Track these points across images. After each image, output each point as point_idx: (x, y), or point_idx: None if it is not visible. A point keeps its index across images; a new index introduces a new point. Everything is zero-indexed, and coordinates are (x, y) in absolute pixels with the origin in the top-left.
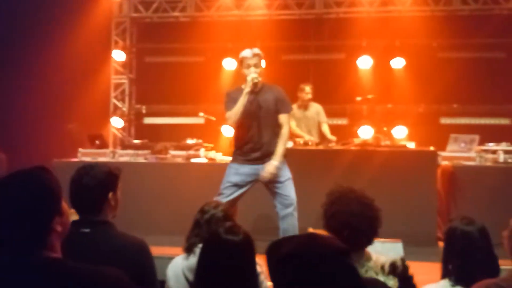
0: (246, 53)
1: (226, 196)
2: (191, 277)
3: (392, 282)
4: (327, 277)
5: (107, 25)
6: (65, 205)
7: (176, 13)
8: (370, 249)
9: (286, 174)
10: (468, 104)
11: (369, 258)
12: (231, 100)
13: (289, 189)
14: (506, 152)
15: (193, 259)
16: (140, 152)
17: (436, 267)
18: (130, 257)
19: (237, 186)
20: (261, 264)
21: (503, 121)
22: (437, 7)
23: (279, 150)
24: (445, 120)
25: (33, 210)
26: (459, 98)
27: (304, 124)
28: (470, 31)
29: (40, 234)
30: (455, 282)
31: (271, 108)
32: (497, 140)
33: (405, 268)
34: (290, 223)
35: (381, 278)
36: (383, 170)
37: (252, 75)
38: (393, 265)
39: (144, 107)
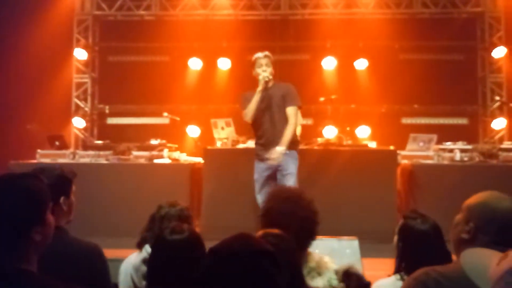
0: (259, 54)
1: (257, 192)
2: (135, 275)
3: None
4: (236, 275)
5: (68, 23)
6: (50, 216)
7: (140, 12)
8: (327, 246)
9: (290, 168)
10: (428, 104)
11: (311, 259)
12: (246, 99)
13: (289, 183)
14: (462, 151)
15: (138, 260)
16: (101, 153)
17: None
18: (82, 263)
19: (258, 182)
20: None
21: (461, 121)
22: (398, 10)
23: (285, 137)
24: (406, 120)
25: (11, 217)
26: (420, 98)
27: None
28: (430, 34)
29: (15, 243)
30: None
31: (280, 103)
32: (456, 140)
33: (359, 277)
34: None
35: (323, 280)
36: (345, 169)
37: (263, 74)
38: (347, 274)
39: (107, 107)
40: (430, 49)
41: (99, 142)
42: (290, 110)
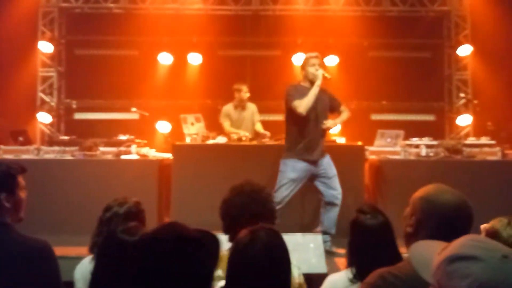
0: (311, 54)
1: (285, 189)
2: None
3: None
4: (160, 259)
5: (33, 15)
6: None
7: (109, 4)
8: (291, 241)
9: (333, 170)
10: (396, 101)
11: None
12: (297, 91)
13: (336, 184)
14: (428, 146)
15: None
16: (67, 149)
17: None
18: (28, 261)
19: (295, 181)
20: None
21: (428, 117)
22: (368, 7)
23: (342, 118)
24: (375, 116)
25: None
26: (388, 95)
27: (240, 125)
28: (398, 32)
29: None
30: (356, 273)
31: (326, 107)
32: (422, 136)
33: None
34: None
35: None
36: None
37: (321, 71)
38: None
39: (74, 102)
40: (399, 47)
41: (65, 137)
42: (343, 107)
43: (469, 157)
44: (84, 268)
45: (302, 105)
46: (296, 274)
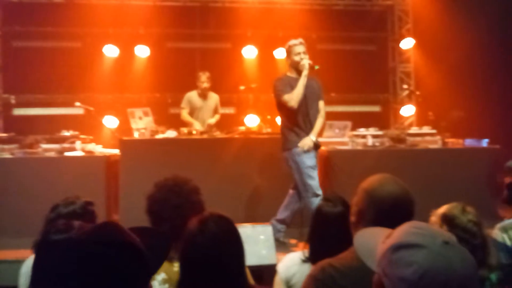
0: (294, 41)
1: (314, 179)
2: None
3: None
4: (72, 263)
5: None
6: None
7: None
8: (241, 232)
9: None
10: (344, 93)
11: None
12: (285, 84)
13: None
14: (374, 136)
15: None
16: (6, 146)
17: None
18: None
19: (315, 168)
20: None
21: (374, 109)
22: (315, 1)
23: (316, 127)
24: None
25: None
26: (336, 87)
27: (203, 113)
28: (345, 25)
29: None
30: (309, 255)
31: (316, 94)
32: (369, 126)
33: None
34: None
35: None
36: (264, 157)
37: (306, 60)
38: None
39: (13, 97)
40: (346, 40)
41: (3, 134)
42: (322, 104)
43: (412, 145)
44: (29, 264)
45: (293, 98)
46: None
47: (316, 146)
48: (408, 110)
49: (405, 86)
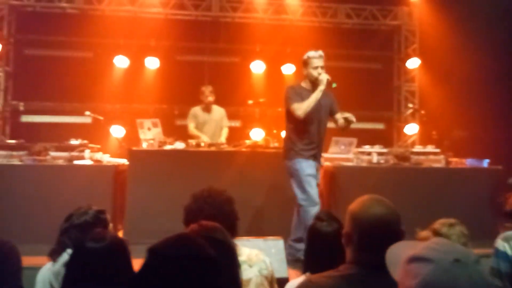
0: (313, 54)
1: (311, 188)
2: (57, 285)
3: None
4: (175, 278)
5: None
6: None
7: (63, 4)
8: (253, 245)
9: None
10: (349, 110)
11: (241, 253)
12: (296, 93)
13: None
14: (379, 154)
15: (57, 266)
16: (15, 153)
17: None
18: None
19: (314, 177)
20: None
21: (378, 126)
22: (324, 18)
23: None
24: (328, 124)
25: None
26: (341, 104)
27: (208, 127)
28: (352, 43)
29: None
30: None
31: (328, 110)
32: (373, 143)
33: None
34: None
35: (254, 270)
36: (271, 171)
37: (325, 75)
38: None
39: (22, 104)
40: (352, 58)
41: (12, 141)
42: (339, 115)
43: (416, 164)
44: (44, 272)
45: (302, 108)
46: (268, 263)
47: (316, 158)
48: (411, 129)
49: (410, 105)
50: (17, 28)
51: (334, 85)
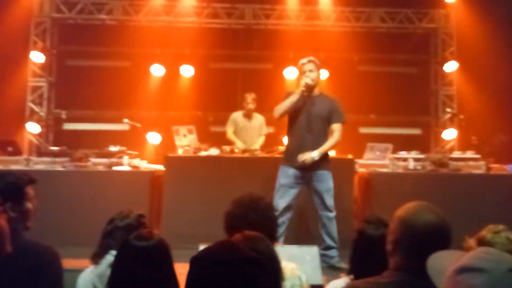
0: (302, 60)
1: (278, 198)
2: (101, 286)
3: None
4: (224, 284)
5: (25, 25)
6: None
7: (102, 16)
8: (288, 252)
9: (331, 184)
10: (384, 115)
11: None
12: (287, 97)
13: (329, 199)
14: (415, 160)
15: (102, 268)
16: (57, 159)
17: None
18: (35, 266)
19: (284, 187)
20: None
21: (414, 131)
22: (358, 23)
23: (324, 146)
24: (363, 130)
25: None
26: (376, 109)
27: (246, 133)
28: (387, 47)
29: None
30: (355, 278)
31: (323, 116)
32: (409, 149)
33: None
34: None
35: (287, 285)
36: None
37: (305, 79)
38: None
39: (64, 112)
40: (387, 62)
41: (55, 148)
42: (335, 127)
43: (455, 170)
44: (86, 278)
45: (277, 109)
46: (304, 280)
47: (300, 168)
48: (450, 134)
49: (448, 110)
50: (59, 40)
51: (299, 90)
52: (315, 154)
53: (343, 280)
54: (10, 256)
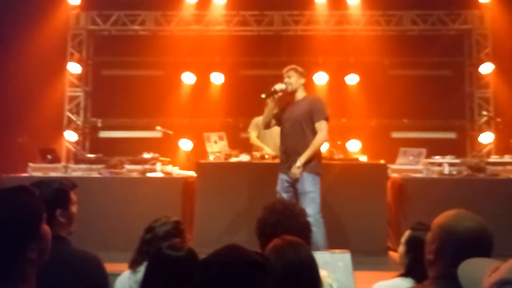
0: (286, 68)
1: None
2: None
3: None
4: (229, 286)
5: (63, 37)
6: (46, 228)
7: (135, 27)
8: (320, 259)
9: (309, 187)
10: (417, 119)
11: None
12: (265, 106)
13: (306, 203)
14: (451, 164)
15: (140, 275)
16: (94, 166)
17: (385, 276)
18: (83, 273)
19: (279, 193)
20: None
21: (449, 135)
22: (388, 27)
23: (306, 152)
24: (395, 134)
25: (3, 235)
26: (409, 113)
27: (270, 138)
28: (419, 50)
29: (10, 263)
30: (407, 276)
31: (301, 117)
32: (443, 153)
33: None
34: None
35: None
36: (336, 183)
37: (276, 85)
38: None
39: (99, 120)
40: (419, 65)
41: (91, 155)
42: (318, 125)
43: (492, 175)
44: (124, 281)
45: (260, 120)
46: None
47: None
48: (486, 138)
49: (484, 113)
50: (95, 51)
51: (262, 95)
52: (298, 164)
53: (397, 280)
54: (58, 263)
